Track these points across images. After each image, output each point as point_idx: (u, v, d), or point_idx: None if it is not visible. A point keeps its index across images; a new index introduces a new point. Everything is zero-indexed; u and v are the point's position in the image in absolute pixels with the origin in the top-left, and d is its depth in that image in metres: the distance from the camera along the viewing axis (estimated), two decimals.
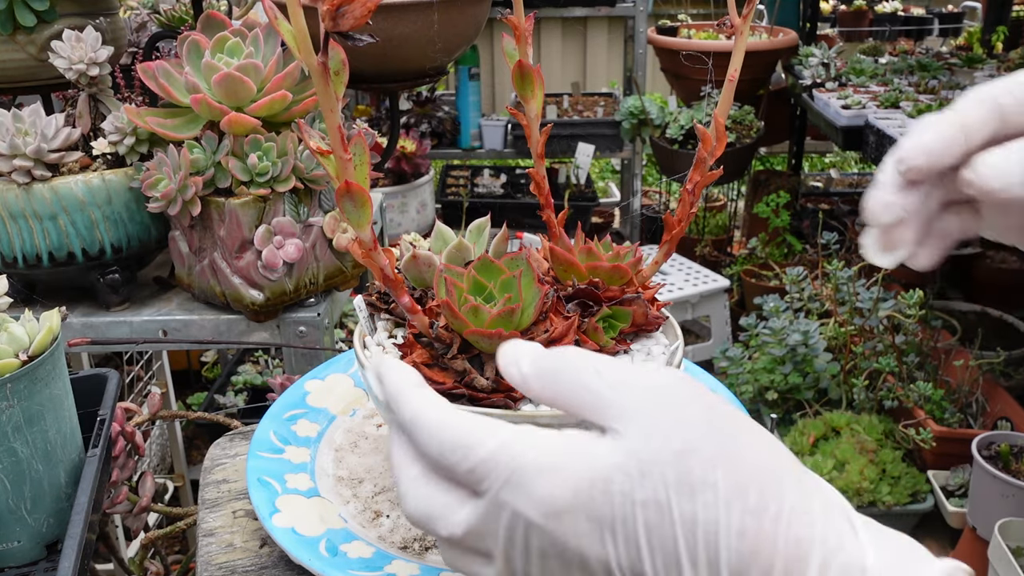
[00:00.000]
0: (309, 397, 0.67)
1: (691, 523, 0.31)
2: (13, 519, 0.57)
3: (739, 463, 0.32)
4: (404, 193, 2.91)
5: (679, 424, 0.33)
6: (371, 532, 0.54)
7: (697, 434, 0.33)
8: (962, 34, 4.34)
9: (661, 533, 0.32)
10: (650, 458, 0.32)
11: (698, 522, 0.31)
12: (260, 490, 0.55)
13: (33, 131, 0.83)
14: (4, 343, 0.55)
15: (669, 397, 0.34)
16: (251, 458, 0.58)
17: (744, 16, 0.52)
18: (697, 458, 0.32)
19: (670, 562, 0.32)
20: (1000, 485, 1.58)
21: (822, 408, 2.04)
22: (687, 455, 0.32)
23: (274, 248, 0.86)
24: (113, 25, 0.96)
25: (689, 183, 0.53)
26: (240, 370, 2.11)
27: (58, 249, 0.87)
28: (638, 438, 0.33)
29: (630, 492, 0.32)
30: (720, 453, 0.32)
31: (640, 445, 0.33)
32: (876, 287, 2.00)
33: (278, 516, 0.52)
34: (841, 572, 0.30)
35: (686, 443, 0.32)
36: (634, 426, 0.33)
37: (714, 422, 0.33)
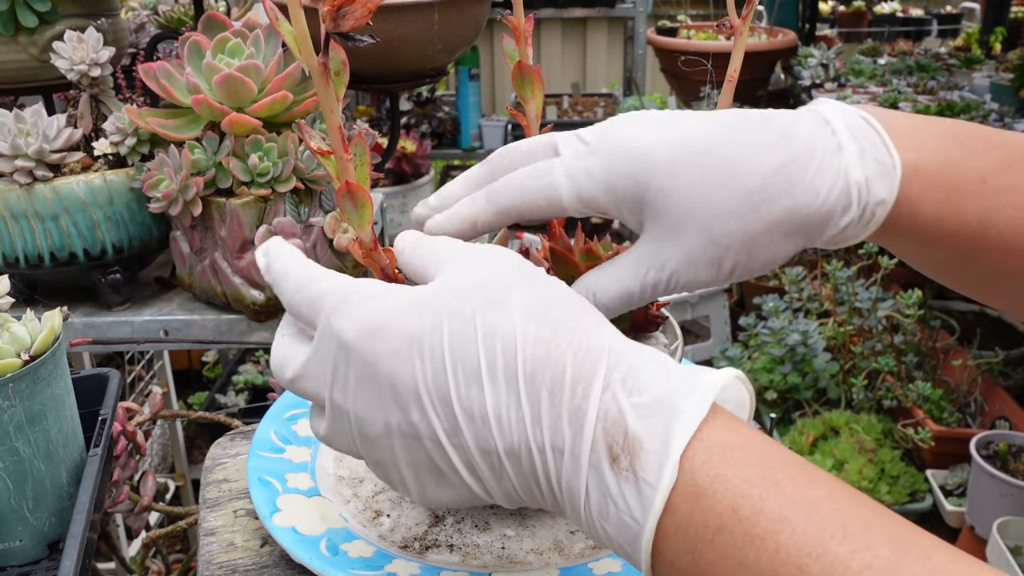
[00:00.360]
0: None
1: (491, 333, 0.33)
2: (15, 518, 0.57)
3: (542, 290, 0.35)
4: (404, 193, 2.91)
5: (493, 263, 0.36)
6: (371, 531, 0.54)
7: (508, 269, 0.36)
8: (960, 35, 4.34)
9: (463, 342, 0.33)
10: (463, 284, 0.35)
11: (498, 332, 0.33)
12: (261, 489, 0.55)
13: (35, 132, 0.83)
14: (6, 343, 0.56)
15: (489, 250, 0.38)
16: (252, 457, 0.58)
17: (743, 17, 0.52)
18: (504, 283, 0.35)
19: (471, 373, 0.33)
20: (998, 484, 1.59)
21: (821, 408, 2.04)
22: (495, 281, 0.35)
23: None
24: (115, 26, 0.97)
25: None
26: (241, 370, 2.11)
27: (60, 249, 0.87)
28: (455, 274, 0.36)
29: (441, 307, 0.34)
30: (526, 282, 0.35)
31: (456, 276, 0.36)
32: (875, 287, 2.01)
33: (279, 515, 0.53)
34: (629, 371, 0.32)
35: (496, 274, 0.35)
36: (454, 266, 0.37)
37: (525, 267, 0.37)
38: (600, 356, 0.33)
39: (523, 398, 0.33)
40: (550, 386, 0.32)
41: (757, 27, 3.07)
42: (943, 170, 0.41)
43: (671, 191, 0.40)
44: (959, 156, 0.41)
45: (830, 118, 0.41)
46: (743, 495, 0.30)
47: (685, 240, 0.40)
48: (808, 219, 0.40)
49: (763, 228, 0.40)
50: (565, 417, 0.32)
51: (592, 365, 0.32)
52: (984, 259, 0.43)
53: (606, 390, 0.32)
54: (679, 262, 0.41)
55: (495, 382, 0.33)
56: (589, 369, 0.32)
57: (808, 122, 0.41)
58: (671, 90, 3.13)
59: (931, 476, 1.86)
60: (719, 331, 2.61)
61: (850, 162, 0.40)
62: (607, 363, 0.32)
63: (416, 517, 0.55)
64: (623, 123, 0.43)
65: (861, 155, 0.40)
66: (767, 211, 0.40)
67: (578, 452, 0.32)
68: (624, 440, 0.31)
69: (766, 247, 0.41)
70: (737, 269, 0.41)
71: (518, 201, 0.44)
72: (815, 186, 0.40)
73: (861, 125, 0.41)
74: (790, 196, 0.39)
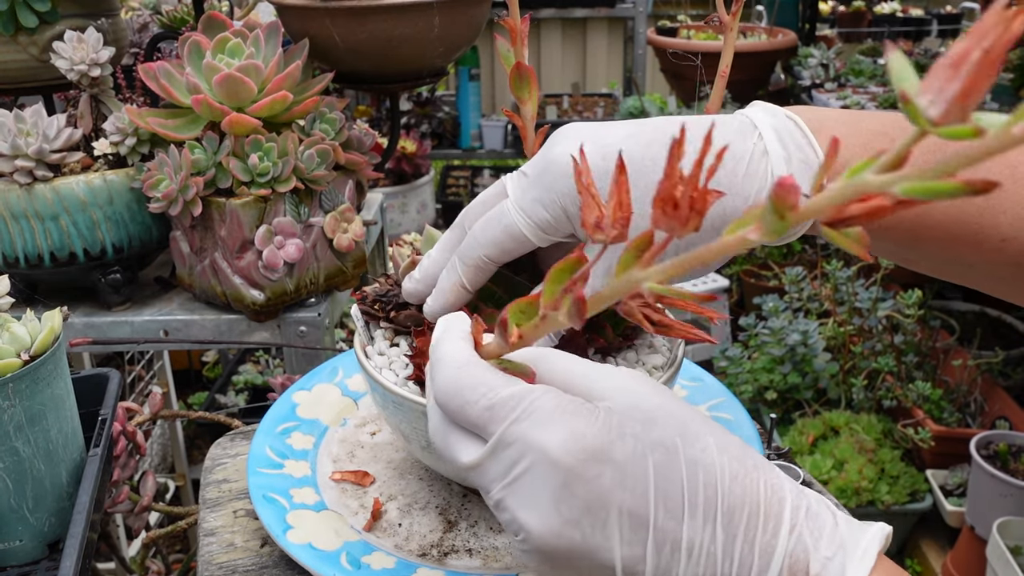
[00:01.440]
0: (299, 409, 0.66)
1: (694, 465, 0.34)
2: (15, 518, 0.57)
3: (718, 427, 0.36)
4: (404, 193, 2.91)
5: (664, 393, 0.37)
6: (387, 542, 0.53)
7: (680, 402, 0.37)
8: (960, 35, 4.34)
9: (668, 475, 0.34)
10: (651, 408, 0.35)
11: (699, 465, 0.34)
12: (268, 507, 0.54)
13: (35, 132, 0.83)
14: (6, 343, 0.56)
15: (639, 380, 0.37)
16: (252, 475, 0.57)
17: (733, 13, 0.52)
18: (689, 418, 0.36)
19: (673, 507, 0.34)
20: (998, 484, 1.59)
21: (821, 408, 2.04)
22: (682, 412, 0.36)
23: (275, 248, 0.86)
24: (115, 26, 0.97)
25: None
26: (241, 370, 2.11)
27: (60, 249, 0.87)
28: (633, 397, 0.36)
29: (640, 435, 0.34)
30: (704, 418, 0.36)
31: (638, 401, 0.36)
32: (875, 287, 2.01)
33: (292, 532, 0.52)
34: (807, 513, 0.34)
35: (679, 407, 0.36)
36: (621, 396, 0.36)
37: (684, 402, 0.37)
38: (785, 496, 0.35)
39: (719, 531, 0.34)
40: (745, 523, 0.34)
41: (757, 27, 3.07)
42: None
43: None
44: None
45: (757, 122, 0.42)
46: None
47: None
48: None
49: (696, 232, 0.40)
50: (756, 553, 0.34)
51: (779, 505, 0.34)
52: (925, 247, 0.44)
53: (793, 530, 0.34)
54: None
55: (695, 516, 0.34)
56: (777, 509, 0.34)
57: (735, 128, 0.42)
58: (671, 90, 3.13)
59: (931, 476, 1.86)
60: (719, 331, 2.61)
61: (776, 165, 0.41)
62: (791, 503, 0.34)
63: (429, 524, 0.55)
64: (555, 144, 0.44)
65: (787, 158, 0.41)
66: None
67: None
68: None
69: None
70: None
71: (487, 252, 0.45)
72: (744, 190, 0.41)
73: (788, 127, 0.42)
74: (719, 202, 0.40)
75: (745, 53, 2.84)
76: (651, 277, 0.31)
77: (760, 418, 1.63)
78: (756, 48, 2.85)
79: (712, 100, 0.53)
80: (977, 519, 1.64)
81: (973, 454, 1.65)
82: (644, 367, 0.54)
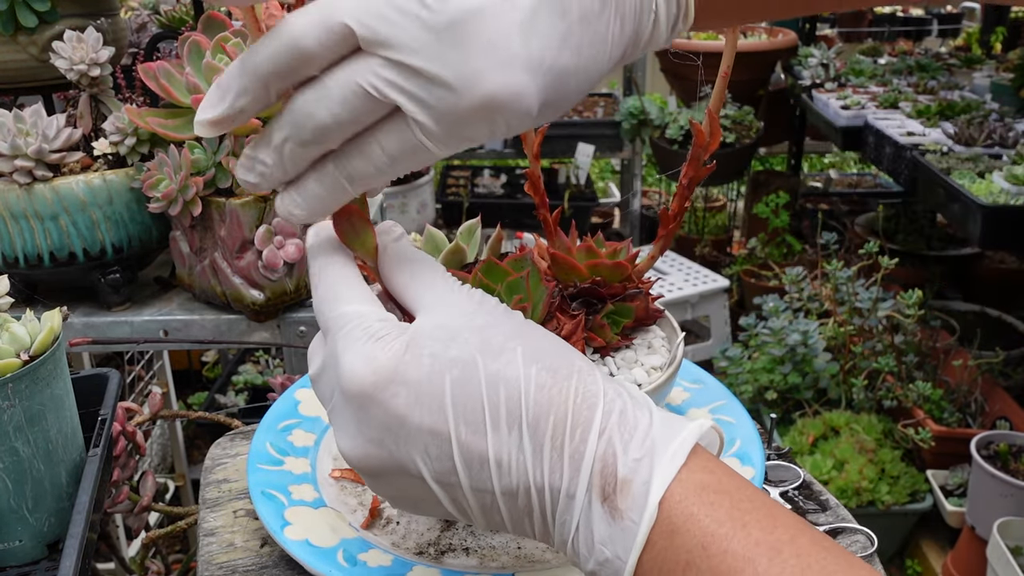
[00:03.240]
0: (301, 406, 0.66)
1: (495, 379, 0.34)
2: (14, 518, 0.57)
3: (533, 338, 0.36)
4: (404, 193, 2.91)
5: (480, 308, 0.37)
6: (384, 539, 0.53)
7: (497, 316, 0.37)
8: (961, 34, 4.34)
9: (466, 390, 0.34)
10: (457, 326, 0.35)
11: (501, 378, 0.34)
12: (266, 503, 0.54)
13: (34, 131, 0.83)
14: (6, 343, 0.56)
15: (474, 293, 0.38)
16: (252, 472, 0.57)
17: None
18: (498, 331, 0.36)
19: (473, 421, 0.34)
20: (999, 484, 1.59)
21: (821, 408, 2.04)
22: (489, 328, 0.36)
23: (275, 248, 0.86)
24: (114, 26, 0.97)
25: (684, 178, 0.53)
26: (241, 370, 2.11)
27: (59, 249, 0.87)
28: (445, 313, 0.36)
29: (439, 353, 0.35)
30: (517, 330, 0.36)
31: (446, 319, 0.36)
32: (875, 287, 2.01)
33: (290, 529, 0.52)
34: (619, 416, 0.34)
35: (487, 321, 0.36)
36: (441, 307, 0.37)
37: (510, 313, 0.37)
38: (596, 402, 0.34)
39: (525, 442, 0.34)
40: (552, 431, 0.34)
41: (757, 27, 3.07)
42: None
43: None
44: None
45: None
46: (712, 534, 0.32)
47: None
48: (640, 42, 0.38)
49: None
50: (566, 460, 0.34)
51: (589, 411, 0.34)
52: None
53: (602, 434, 0.34)
54: None
55: (498, 429, 0.34)
56: (587, 415, 0.34)
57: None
58: (671, 90, 3.13)
59: (931, 476, 1.86)
60: (719, 331, 2.61)
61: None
62: (602, 409, 0.34)
63: (426, 522, 0.55)
64: None
65: None
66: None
67: (574, 491, 0.34)
68: (616, 481, 0.33)
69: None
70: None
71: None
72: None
73: None
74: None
75: (745, 53, 2.83)
76: None
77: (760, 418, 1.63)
78: (756, 48, 2.85)
79: (713, 100, 0.53)
80: (977, 519, 1.64)
81: (973, 454, 1.65)
82: (643, 367, 0.54)
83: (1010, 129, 2.06)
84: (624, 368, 0.54)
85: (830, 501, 0.62)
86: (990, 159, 1.94)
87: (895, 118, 2.30)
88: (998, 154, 1.98)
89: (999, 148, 2.00)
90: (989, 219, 1.65)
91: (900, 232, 2.91)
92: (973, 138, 2.03)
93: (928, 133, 2.14)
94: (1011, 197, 1.69)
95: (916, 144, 2.05)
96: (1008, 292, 2.62)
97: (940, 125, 2.18)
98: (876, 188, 3.69)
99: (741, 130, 2.78)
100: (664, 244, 0.56)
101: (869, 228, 2.92)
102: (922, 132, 2.15)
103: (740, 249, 3.17)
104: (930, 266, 2.76)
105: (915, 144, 2.05)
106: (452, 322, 0.36)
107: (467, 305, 0.37)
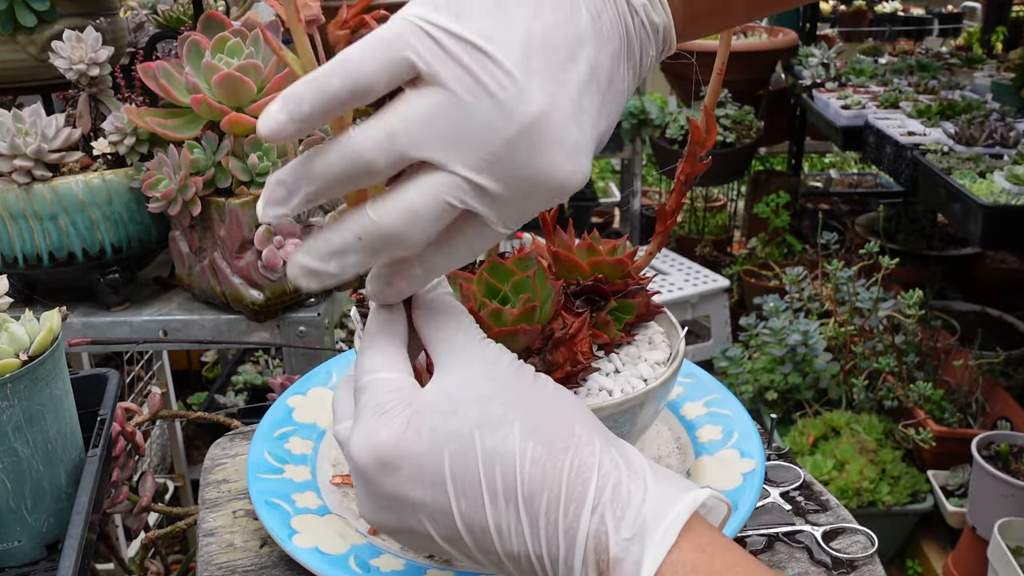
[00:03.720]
0: (295, 413, 0.65)
1: (491, 454, 0.35)
2: (13, 519, 0.57)
3: (534, 407, 0.37)
4: None
5: (491, 371, 0.38)
6: (393, 544, 0.53)
7: (505, 381, 0.38)
8: (962, 34, 4.34)
9: (464, 465, 0.36)
10: (461, 396, 0.37)
11: (497, 453, 0.35)
12: (271, 512, 0.54)
13: (33, 131, 0.83)
14: (5, 343, 0.56)
15: (489, 351, 0.39)
16: (252, 481, 0.57)
17: None
18: (500, 401, 0.37)
19: (472, 495, 0.36)
20: (1000, 485, 1.58)
21: (822, 408, 2.04)
22: (492, 399, 0.37)
23: (274, 248, 0.86)
24: (113, 25, 0.97)
25: (681, 174, 0.53)
26: (240, 370, 2.11)
27: (58, 249, 0.87)
28: (453, 380, 0.38)
29: (438, 427, 0.36)
30: (521, 398, 0.37)
31: (453, 387, 0.37)
32: (876, 287, 2.01)
33: (298, 537, 0.52)
34: (613, 491, 0.35)
35: (492, 390, 0.37)
36: (454, 368, 0.38)
37: (521, 373, 0.38)
38: (590, 476, 0.35)
39: (523, 515, 0.35)
40: (546, 507, 0.35)
41: (757, 26, 3.07)
42: None
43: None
44: None
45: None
46: None
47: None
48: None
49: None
50: (561, 535, 0.35)
51: (583, 486, 0.35)
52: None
53: (595, 511, 0.35)
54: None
55: (496, 503, 0.35)
56: (580, 490, 0.35)
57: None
58: (671, 89, 3.13)
59: (932, 477, 1.86)
60: (719, 331, 2.61)
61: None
62: (596, 484, 0.35)
63: None
64: None
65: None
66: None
67: (572, 563, 0.35)
68: (608, 559, 0.34)
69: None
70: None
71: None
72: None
73: None
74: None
75: (745, 52, 2.83)
76: None
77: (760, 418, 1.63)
78: (756, 47, 2.85)
79: (708, 97, 0.53)
80: (978, 520, 1.64)
81: (974, 454, 1.65)
82: (647, 362, 0.54)
83: (1011, 129, 2.06)
84: (629, 364, 0.54)
85: (831, 501, 0.62)
86: (991, 159, 1.94)
87: (896, 118, 2.30)
88: (999, 154, 1.98)
89: (1000, 148, 2.00)
90: (990, 219, 1.65)
91: (901, 232, 2.91)
92: (974, 138, 2.02)
93: (929, 133, 2.14)
94: (1012, 197, 1.69)
95: (917, 144, 2.05)
96: (1009, 292, 2.62)
97: (941, 125, 2.18)
98: (877, 188, 3.69)
99: (741, 130, 2.78)
100: (662, 240, 0.56)
101: (870, 228, 2.92)
102: (923, 132, 2.15)
103: (740, 249, 3.17)
104: (931, 266, 2.75)
105: (916, 144, 2.05)
106: (457, 391, 0.37)
107: (478, 368, 0.38)
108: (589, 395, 0.51)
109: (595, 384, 0.51)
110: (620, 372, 0.53)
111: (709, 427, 0.63)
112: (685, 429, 0.64)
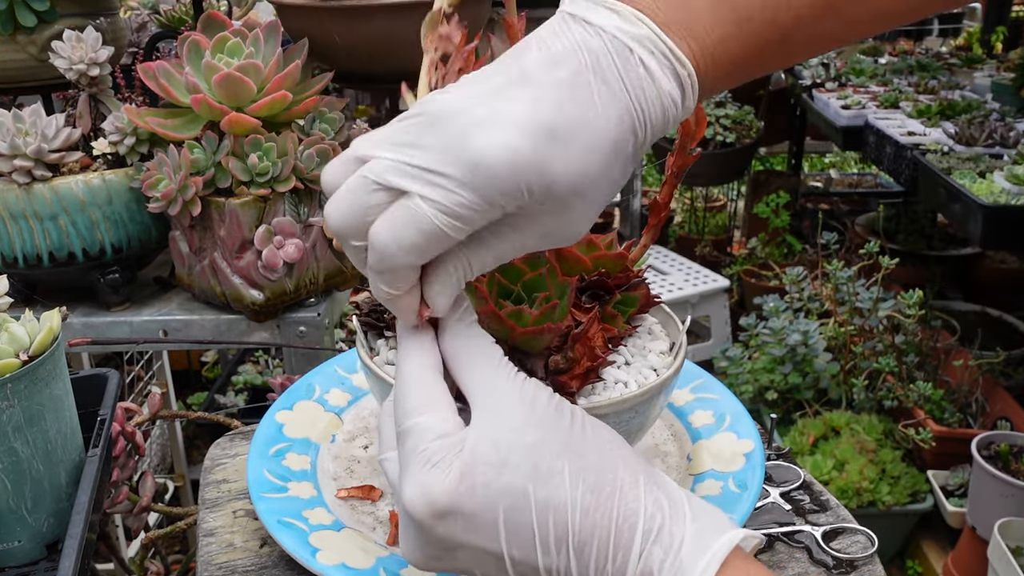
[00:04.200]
0: (286, 429, 0.64)
1: (544, 506, 0.37)
2: (13, 519, 0.57)
3: (578, 451, 0.38)
4: None
5: (532, 415, 0.39)
6: None
7: (547, 425, 0.38)
8: (962, 34, 4.34)
9: (518, 520, 0.37)
10: (509, 446, 0.38)
11: (551, 505, 0.37)
12: (287, 532, 0.52)
13: (33, 131, 0.83)
14: (5, 343, 0.56)
15: (526, 389, 0.40)
16: (258, 501, 0.55)
17: None
18: (547, 449, 0.38)
19: (525, 546, 0.37)
20: (1000, 485, 1.58)
21: (822, 408, 2.04)
22: (539, 447, 0.38)
23: (274, 248, 0.86)
24: (113, 25, 0.97)
25: (672, 167, 0.54)
26: (240, 370, 2.11)
27: (58, 249, 0.87)
28: (496, 426, 0.38)
29: (493, 481, 0.37)
30: (565, 443, 0.38)
31: (498, 433, 0.38)
32: (876, 287, 2.01)
33: (322, 554, 0.51)
34: (657, 534, 0.37)
35: (537, 438, 0.38)
36: (492, 409, 0.39)
37: (560, 413, 0.39)
38: (636, 522, 0.37)
39: (572, 563, 0.37)
40: (596, 554, 0.37)
41: None
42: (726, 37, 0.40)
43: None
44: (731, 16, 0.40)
45: (631, 46, 0.39)
46: None
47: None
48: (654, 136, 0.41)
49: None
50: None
51: (630, 532, 0.37)
52: (796, 49, 0.42)
53: (641, 556, 0.37)
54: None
55: (548, 551, 0.37)
56: (627, 536, 0.37)
57: (618, 57, 0.39)
58: None
59: (932, 477, 1.86)
60: (719, 331, 2.61)
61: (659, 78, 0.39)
62: (642, 529, 0.37)
63: None
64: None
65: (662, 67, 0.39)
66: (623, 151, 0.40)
67: None
68: None
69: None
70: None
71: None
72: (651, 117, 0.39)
73: (649, 36, 0.40)
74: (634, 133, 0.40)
75: None
76: None
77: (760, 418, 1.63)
78: None
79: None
80: (978, 520, 1.64)
81: (974, 454, 1.65)
82: (652, 353, 0.54)
83: (1011, 129, 2.06)
84: (638, 355, 0.54)
85: (830, 501, 0.62)
86: (991, 159, 1.94)
87: (896, 118, 2.30)
88: (999, 154, 1.98)
89: (1000, 148, 2.00)
90: (990, 219, 1.65)
91: (901, 232, 2.91)
92: (974, 138, 2.03)
93: (929, 133, 2.14)
94: (1012, 197, 1.69)
95: (917, 144, 2.05)
96: (1009, 292, 2.62)
97: (941, 125, 2.18)
98: (876, 188, 3.69)
99: (741, 130, 2.78)
100: (655, 233, 0.57)
101: (869, 228, 2.92)
102: (923, 132, 2.15)
103: (740, 249, 3.17)
104: (931, 266, 2.75)
105: (916, 144, 2.05)
106: (505, 440, 0.38)
107: (520, 412, 0.39)
108: (607, 389, 0.51)
109: (611, 377, 0.51)
110: (631, 364, 0.53)
111: (700, 412, 0.64)
112: (676, 416, 0.65)
